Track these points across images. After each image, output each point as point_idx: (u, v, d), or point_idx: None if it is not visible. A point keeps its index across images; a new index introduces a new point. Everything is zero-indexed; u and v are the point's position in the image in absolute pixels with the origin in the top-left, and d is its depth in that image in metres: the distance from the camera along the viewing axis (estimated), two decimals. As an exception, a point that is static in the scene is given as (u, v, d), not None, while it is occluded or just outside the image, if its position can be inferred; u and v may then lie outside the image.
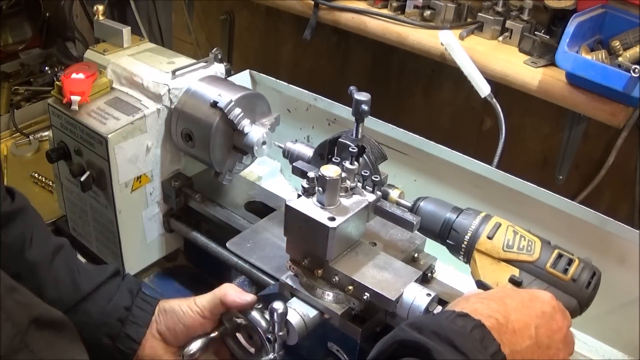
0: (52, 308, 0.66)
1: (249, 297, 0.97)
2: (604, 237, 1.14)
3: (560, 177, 1.62)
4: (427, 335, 0.69)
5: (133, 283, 1.02)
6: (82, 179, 1.25)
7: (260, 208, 1.34)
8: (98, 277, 0.99)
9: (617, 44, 1.39)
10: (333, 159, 1.00)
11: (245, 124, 1.21)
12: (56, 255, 0.98)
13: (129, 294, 0.99)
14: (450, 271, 1.25)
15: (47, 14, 2.20)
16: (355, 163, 0.97)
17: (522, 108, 1.65)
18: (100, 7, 1.43)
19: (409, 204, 1.03)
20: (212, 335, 0.99)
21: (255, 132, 1.22)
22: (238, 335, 1.02)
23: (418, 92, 1.91)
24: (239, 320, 0.99)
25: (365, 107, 0.99)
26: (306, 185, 0.96)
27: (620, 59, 1.36)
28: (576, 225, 1.15)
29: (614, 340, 1.22)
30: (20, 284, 0.64)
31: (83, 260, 1.02)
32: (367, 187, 1.00)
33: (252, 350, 1.00)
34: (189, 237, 1.36)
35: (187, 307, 0.99)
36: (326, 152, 1.10)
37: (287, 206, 0.95)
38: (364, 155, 1.05)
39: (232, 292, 0.97)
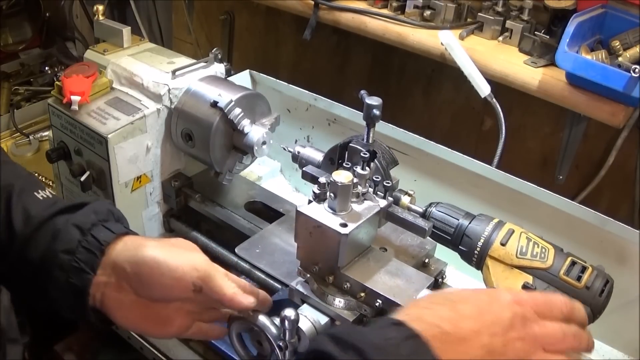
0: None
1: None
2: (604, 237, 1.14)
3: (560, 177, 1.62)
4: (343, 347, 0.63)
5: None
6: (82, 179, 1.25)
7: (260, 208, 1.34)
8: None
9: (617, 44, 1.39)
10: (344, 164, 0.99)
11: (245, 124, 1.21)
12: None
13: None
14: (460, 276, 1.25)
15: (47, 14, 2.19)
16: (367, 168, 0.96)
17: (522, 108, 1.65)
18: (100, 7, 1.43)
19: (421, 210, 1.02)
20: None
21: (255, 132, 1.22)
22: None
23: (418, 92, 1.91)
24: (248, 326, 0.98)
25: (376, 112, 0.98)
26: (317, 191, 0.95)
27: (620, 59, 1.36)
28: (576, 225, 1.15)
29: (614, 340, 1.22)
30: None
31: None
32: (378, 192, 0.99)
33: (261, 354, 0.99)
34: (189, 237, 1.35)
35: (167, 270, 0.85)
36: (337, 157, 1.09)
37: (297, 212, 0.94)
38: (375, 161, 1.04)
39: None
